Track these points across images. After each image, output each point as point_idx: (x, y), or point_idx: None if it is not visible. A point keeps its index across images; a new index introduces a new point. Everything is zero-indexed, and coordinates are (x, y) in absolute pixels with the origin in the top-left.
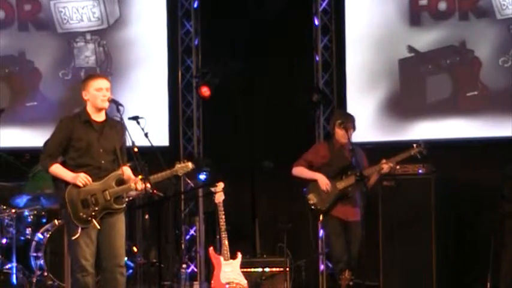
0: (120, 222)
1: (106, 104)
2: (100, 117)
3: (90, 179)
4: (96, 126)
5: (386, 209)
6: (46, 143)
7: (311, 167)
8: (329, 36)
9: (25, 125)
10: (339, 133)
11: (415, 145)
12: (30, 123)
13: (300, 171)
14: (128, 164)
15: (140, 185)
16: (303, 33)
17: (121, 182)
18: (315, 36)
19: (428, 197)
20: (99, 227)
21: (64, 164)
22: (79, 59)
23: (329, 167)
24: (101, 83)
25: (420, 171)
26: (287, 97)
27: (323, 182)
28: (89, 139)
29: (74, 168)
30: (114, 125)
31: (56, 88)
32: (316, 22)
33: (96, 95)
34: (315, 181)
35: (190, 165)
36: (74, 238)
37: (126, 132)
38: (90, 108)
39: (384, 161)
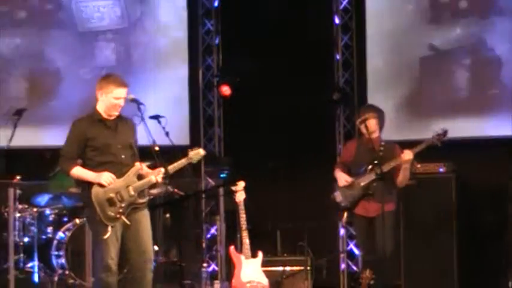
0: (145, 218)
1: (117, 112)
2: (112, 115)
3: (114, 176)
4: (109, 123)
5: (407, 208)
6: (62, 148)
7: (346, 166)
8: (349, 34)
9: (46, 124)
10: (361, 128)
11: (436, 133)
12: (51, 122)
13: (334, 174)
14: (147, 164)
15: (161, 177)
16: (323, 32)
17: (141, 176)
18: (335, 34)
19: (449, 196)
20: (129, 223)
21: (84, 165)
22: (100, 58)
23: (355, 164)
24: (121, 93)
25: (441, 170)
26: (308, 96)
27: (341, 178)
28: (105, 136)
29: (95, 167)
30: (126, 122)
31: (76, 87)
32: (337, 21)
33: (113, 103)
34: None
35: (201, 151)
36: (105, 237)
37: (147, 132)
38: (101, 109)
39: (405, 151)
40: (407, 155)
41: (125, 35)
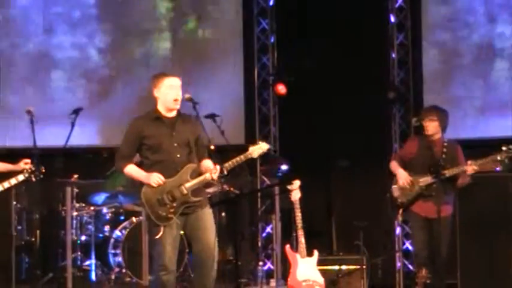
0: (206, 216)
1: (177, 106)
2: (171, 113)
3: (162, 177)
4: (167, 121)
5: (463, 207)
6: (120, 145)
7: (403, 161)
8: (405, 33)
9: (103, 123)
10: (424, 128)
11: (504, 148)
12: (107, 121)
13: (390, 165)
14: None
15: (216, 175)
16: (378, 31)
17: (198, 174)
18: (391, 33)
19: (506, 195)
20: (179, 222)
21: (140, 164)
22: (155, 58)
23: (416, 162)
24: (173, 81)
25: (497, 169)
26: (363, 95)
27: (401, 177)
28: (161, 135)
29: (150, 166)
30: (187, 120)
31: (132, 86)
32: (392, 19)
33: (168, 93)
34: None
35: (264, 145)
36: (157, 237)
37: (203, 131)
38: (160, 107)
39: (469, 162)
40: (472, 169)
41: (180, 35)
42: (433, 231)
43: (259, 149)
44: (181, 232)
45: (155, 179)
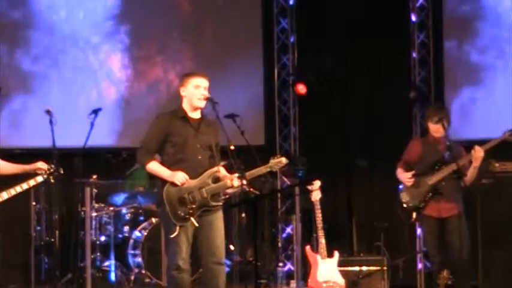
0: (218, 220)
1: (202, 104)
2: (196, 114)
3: (187, 176)
4: (192, 122)
5: (485, 208)
6: (143, 140)
7: (409, 166)
8: (426, 32)
9: (122, 124)
10: (431, 128)
11: (507, 131)
12: (126, 123)
13: (397, 173)
14: (222, 163)
15: (236, 182)
16: (399, 30)
17: (217, 179)
18: (412, 32)
19: None
20: (197, 225)
21: (161, 161)
22: (176, 59)
23: (422, 163)
24: (200, 81)
25: None
26: (383, 95)
27: (404, 178)
28: (186, 135)
29: (171, 164)
30: (210, 123)
31: (152, 88)
32: (413, 18)
33: (194, 92)
34: None
35: (284, 160)
36: (172, 236)
37: (223, 131)
38: (186, 106)
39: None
40: (476, 150)
41: (201, 35)
42: (445, 233)
43: (279, 162)
44: None
45: (181, 177)
